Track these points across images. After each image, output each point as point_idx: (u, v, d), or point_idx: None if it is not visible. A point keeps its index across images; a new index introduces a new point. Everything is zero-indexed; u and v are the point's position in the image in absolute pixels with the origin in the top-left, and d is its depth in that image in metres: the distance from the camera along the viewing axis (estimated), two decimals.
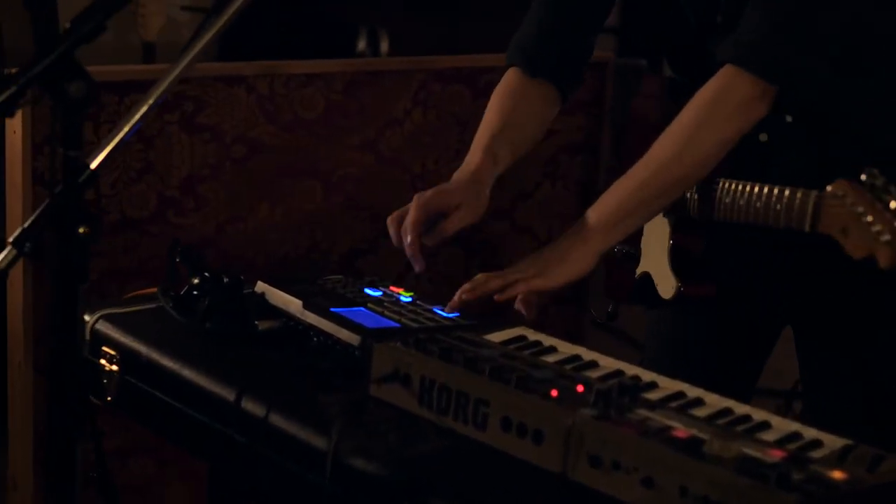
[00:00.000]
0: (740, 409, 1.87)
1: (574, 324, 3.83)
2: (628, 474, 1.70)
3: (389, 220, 2.33)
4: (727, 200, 2.23)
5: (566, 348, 2.04)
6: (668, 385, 1.93)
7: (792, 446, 1.76)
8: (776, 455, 1.71)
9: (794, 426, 1.83)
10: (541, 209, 3.72)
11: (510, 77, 2.50)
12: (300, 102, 3.31)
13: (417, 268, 2.26)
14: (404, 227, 2.28)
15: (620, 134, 2.62)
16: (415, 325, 2.07)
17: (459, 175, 2.37)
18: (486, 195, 2.35)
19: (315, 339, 2.09)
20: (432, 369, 1.90)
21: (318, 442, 1.85)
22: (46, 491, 1.72)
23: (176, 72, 1.80)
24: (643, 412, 1.81)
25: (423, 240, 2.28)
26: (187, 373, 2.05)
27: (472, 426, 1.85)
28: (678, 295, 2.32)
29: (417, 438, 1.86)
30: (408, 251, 2.27)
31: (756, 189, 2.18)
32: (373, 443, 1.85)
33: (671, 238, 2.34)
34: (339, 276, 2.34)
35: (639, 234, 2.42)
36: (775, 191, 2.15)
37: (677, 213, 2.32)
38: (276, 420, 1.91)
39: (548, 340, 2.06)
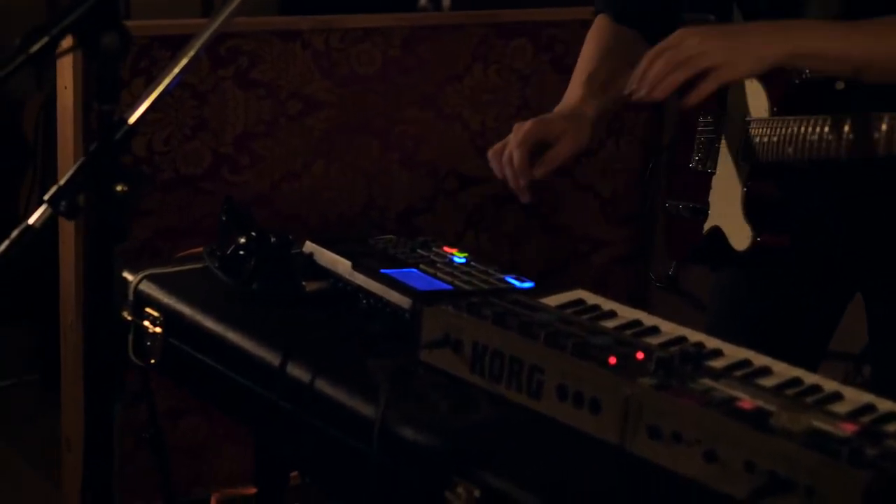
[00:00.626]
0: (809, 378, 1.76)
1: (637, 285, 3.72)
2: (689, 447, 1.59)
3: (491, 154, 2.25)
4: (799, 136, 2.09)
5: (626, 313, 1.93)
6: (733, 353, 1.82)
7: (865, 419, 1.64)
8: (848, 429, 1.60)
9: (867, 397, 1.71)
10: (604, 167, 3.61)
11: (600, 23, 2.42)
12: (357, 58, 3.22)
13: (524, 199, 2.21)
14: (506, 157, 2.20)
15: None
16: (468, 287, 1.98)
17: (559, 108, 2.30)
18: (590, 124, 2.26)
19: (364, 301, 2.00)
20: (485, 334, 1.80)
21: (366, 409, 1.76)
22: (86, 452, 1.63)
23: (216, 24, 1.71)
24: (706, 381, 1.70)
25: (532, 171, 2.20)
26: (231, 336, 1.96)
27: (525, 394, 1.75)
28: (754, 245, 2.19)
29: (469, 407, 1.77)
30: (513, 183, 2.21)
31: (829, 121, 2.06)
32: (422, 411, 1.76)
33: (745, 185, 2.21)
34: (391, 236, 2.24)
35: (707, 187, 2.30)
36: (848, 119, 2.03)
37: (752, 160, 2.20)
38: (322, 386, 1.82)
39: (607, 304, 1.95)
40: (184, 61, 1.72)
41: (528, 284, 2.01)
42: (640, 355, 1.76)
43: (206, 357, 1.99)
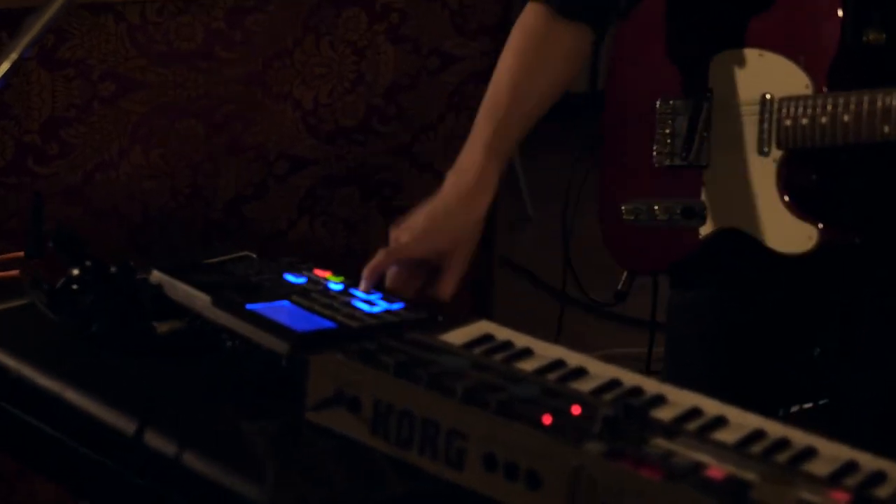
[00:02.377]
0: (772, 428, 1.46)
1: (479, 269, 3.40)
2: None
3: (366, 272, 1.87)
4: (830, 115, 1.76)
5: (543, 349, 1.61)
6: (677, 398, 1.51)
7: (851, 481, 1.36)
8: (840, 499, 1.31)
9: (844, 452, 1.42)
10: (445, 143, 3.27)
11: (532, 20, 1.94)
12: (176, 32, 2.82)
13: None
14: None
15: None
16: (353, 323, 1.63)
17: (449, 196, 1.90)
18: (482, 220, 1.88)
19: (229, 343, 1.63)
20: (387, 389, 1.46)
21: (247, 490, 1.40)
22: None
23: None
24: (661, 442, 1.39)
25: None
26: (71, 395, 1.57)
27: (444, 464, 1.41)
28: (821, 243, 1.82)
29: (373, 481, 1.42)
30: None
31: (865, 97, 1.74)
32: (315, 489, 1.40)
33: (783, 176, 1.86)
34: (250, 256, 1.87)
35: (695, 183, 1.97)
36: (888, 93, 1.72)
37: (788, 146, 1.86)
38: (191, 460, 1.45)
39: (519, 339, 1.62)
40: None
41: (420, 314, 1.67)
42: (576, 409, 1.44)
43: (40, 422, 1.59)
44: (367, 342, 1.53)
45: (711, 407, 1.49)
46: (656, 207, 1.98)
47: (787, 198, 1.85)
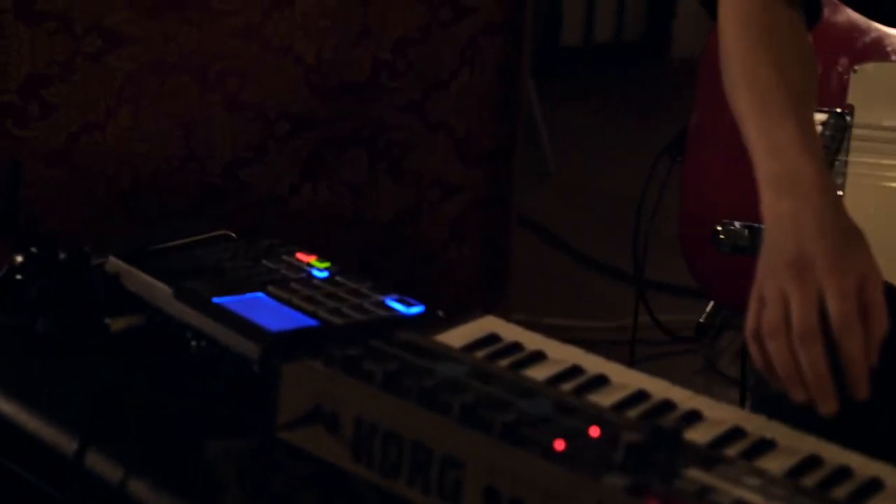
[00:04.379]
0: (830, 453, 1.21)
1: (496, 230, 3.14)
2: None
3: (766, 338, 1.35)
4: None
5: (556, 351, 1.35)
6: (715, 413, 1.26)
7: None
8: None
9: None
10: (457, 100, 3.01)
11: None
12: None
13: (831, 410, 1.31)
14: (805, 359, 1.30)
15: None
16: (338, 320, 1.37)
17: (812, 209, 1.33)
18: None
19: (194, 343, 1.38)
20: (372, 406, 1.21)
21: None
22: None
23: None
24: (696, 473, 1.14)
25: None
26: (5, 407, 1.32)
27: (437, 497, 1.17)
28: None
29: None
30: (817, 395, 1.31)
31: None
32: None
33: None
34: (227, 235, 1.62)
35: None
36: None
37: None
38: (139, 488, 1.21)
39: (530, 340, 1.37)
40: None
41: (416, 309, 1.42)
42: (594, 431, 1.19)
43: None
44: (353, 346, 1.28)
45: (757, 425, 1.24)
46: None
47: None
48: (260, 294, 1.42)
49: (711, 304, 1.63)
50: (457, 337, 1.36)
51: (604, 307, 3.51)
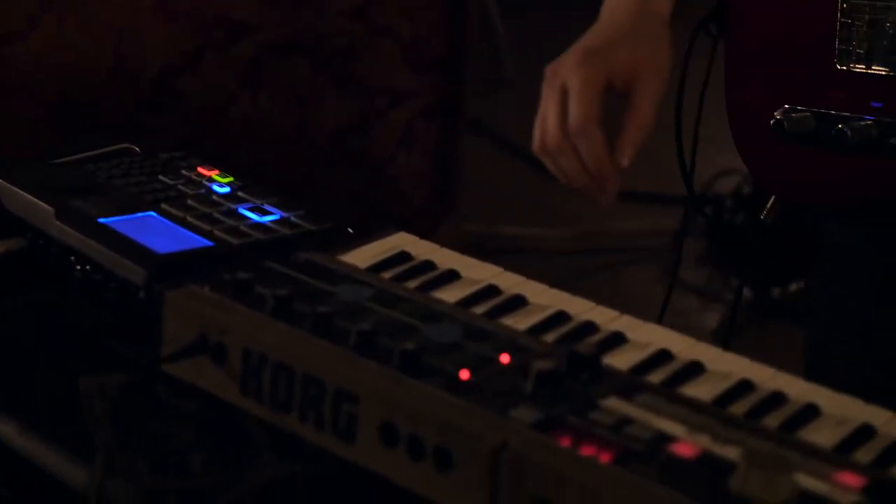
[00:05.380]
0: (762, 376, 1.09)
1: (444, 141, 3.01)
2: None
3: (540, 143, 1.33)
4: None
5: (472, 270, 1.23)
6: (640, 335, 1.15)
7: (865, 454, 1.00)
8: (850, 483, 0.95)
9: (855, 409, 1.06)
10: (403, 4, 2.85)
11: None
12: None
13: (609, 200, 1.32)
14: (581, 144, 1.28)
15: None
16: (234, 240, 1.25)
17: (609, 15, 1.36)
18: (667, 33, 1.34)
19: (77, 268, 1.25)
20: (262, 335, 1.09)
21: (70, 474, 1.04)
22: None
23: None
24: (615, 403, 1.03)
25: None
26: None
27: (331, 434, 1.05)
28: None
29: (240, 460, 1.06)
30: (593, 183, 1.31)
31: None
32: (163, 474, 1.04)
33: None
34: (131, 148, 1.49)
35: (886, 95, 1.38)
36: None
37: None
38: (6, 431, 1.09)
39: (444, 258, 1.25)
40: None
41: (322, 226, 1.30)
42: (504, 359, 1.07)
43: None
44: (245, 268, 1.16)
45: (685, 348, 1.13)
46: (833, 122, 1.40)
47: None
48: (151, 213, 1.29)
49: (772, 199, 1.44)
50: (364, 256, 1.24)
51: (562, 216, 3.39)
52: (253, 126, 2.69)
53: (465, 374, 1.04)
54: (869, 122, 1.37)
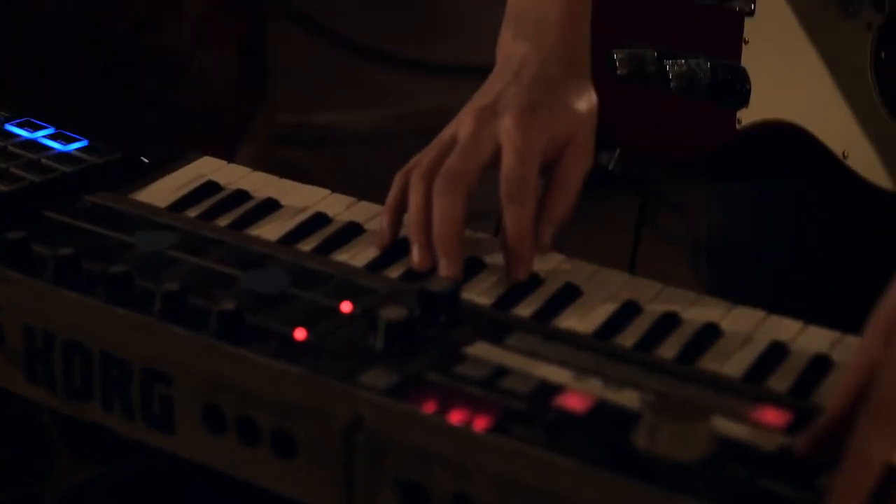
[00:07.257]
0: (646, 292, 0.92)
1: (249, 33, 2.77)
2: None
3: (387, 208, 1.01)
4: None
5: (293, 196, 1.03)
6: (497, 260, 0.96)
7: (782, 382, 0.83)
8: (774, 421, 0.78)
9: (755, 322, 0.90)
10: None
11: None
12: None
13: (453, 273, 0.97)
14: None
15: None
16: (5, 186, 1.02)
17: (536, 63, 1.08)
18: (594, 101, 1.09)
19: None
20: (44, 308, 0.88)
21: None
22: None
23: None
24: (484, 349, 0.84)
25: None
26: None
27: (144, 424, 0.85)
28: None
29: (32, 466, 0.86)
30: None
31: None
32: None
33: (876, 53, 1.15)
34: None
35: (732, 37, 1.21)
36: None
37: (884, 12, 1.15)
38: None
39: (259, 182, 1.04)
40: None
41: (79, 143, 1.07)
42: (346, 307, 0.88)
43: None
44: (18, 223, 0.94)
45: (552, 267, 0.95)
46: (670, 62, 1.24)
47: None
48: None
49: (617, 150, 1.26)
50: (163, 191, 1.02)
51: (384, 97, 3.17)
52: (34, 27, 2.43)
53: (300, 334, 0.84)
54: (698, 61, 1.21)
